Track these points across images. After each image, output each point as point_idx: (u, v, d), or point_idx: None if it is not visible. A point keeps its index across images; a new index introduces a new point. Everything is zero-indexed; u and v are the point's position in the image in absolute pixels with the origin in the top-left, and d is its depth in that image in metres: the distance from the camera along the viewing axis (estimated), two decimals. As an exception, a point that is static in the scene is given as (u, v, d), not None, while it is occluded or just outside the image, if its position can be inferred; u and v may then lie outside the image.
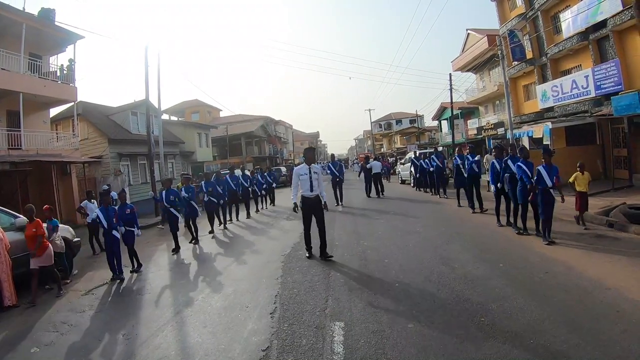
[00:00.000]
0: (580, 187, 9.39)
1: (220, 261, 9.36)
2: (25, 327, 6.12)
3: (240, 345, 4.62)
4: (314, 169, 8.33)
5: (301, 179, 8.28)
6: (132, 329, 5.54)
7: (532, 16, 21.88)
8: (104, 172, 22.37)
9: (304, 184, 8.26)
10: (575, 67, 19.79)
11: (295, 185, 8.50)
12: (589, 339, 4.03)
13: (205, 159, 36.93)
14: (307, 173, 8.22)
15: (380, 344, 4.29)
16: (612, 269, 6.14)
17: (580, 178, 9.43)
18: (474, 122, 34.69)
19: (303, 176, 8.25)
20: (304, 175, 8.25)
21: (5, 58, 16.43)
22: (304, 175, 8.25)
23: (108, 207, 8.82)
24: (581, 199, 9.38)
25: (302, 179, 8.26)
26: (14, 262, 7.51)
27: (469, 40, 32.59)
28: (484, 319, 4.67)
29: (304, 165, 8.41)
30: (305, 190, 8.28)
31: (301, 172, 8.31)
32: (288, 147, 74.15)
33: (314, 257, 8.25)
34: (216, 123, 49.58)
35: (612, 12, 15.47)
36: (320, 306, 5.57)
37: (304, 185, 8.27)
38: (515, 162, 8.80)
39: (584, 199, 9.43)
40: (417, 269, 6.93)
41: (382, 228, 10.96)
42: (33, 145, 17.70)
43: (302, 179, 8.26)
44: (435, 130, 58.81)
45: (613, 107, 15.33)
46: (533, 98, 23.70)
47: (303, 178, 8.25)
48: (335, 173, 16.74)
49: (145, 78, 19.87)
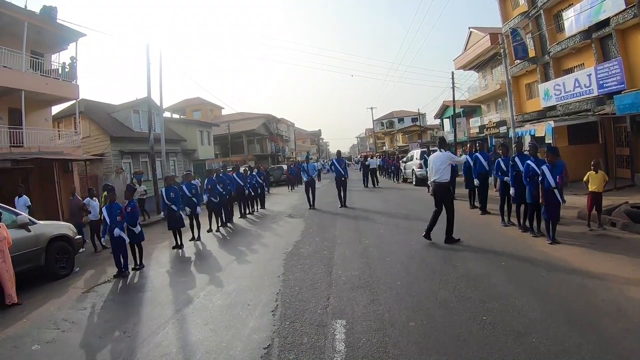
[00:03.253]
0: (593, 186, 8.98)
1: (221, 259, 9.35)
2: (27, 324, 6.13)
3: (241, 343, 4.61)
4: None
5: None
6: (134, 327, 5.55)
7: (534, 14, 21.82)
8: (106, 169, 22.40)
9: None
10: (577, 66, 19.72)
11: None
12: (591, 337, 4.03)
13: (207, 157, 36.90)
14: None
15: (382, 342, 4.29)
16: (614, 268, 6.13)
17: (593, 177, 9.02)
18: (476, 121, 34.67)
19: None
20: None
21: (7, 56, 16.43)
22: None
23: (112, 205, 8.82)
24: (592, 198, 9.00)
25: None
26: (16, 259, 7.53)
27: (472, 38, 32.50)
28: (486, 317, 4.66)
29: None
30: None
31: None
32: (290, 145, 74.16)
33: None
34: (218, 121, 49.53)
35: (615, 10, 15.41)
36: (322, 304, 5.57)
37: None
38: (524, 160, 8.69)
39: (596, 199, 9.00)
40: (419, 267, 6.93)
41: (383, 226, 10.96)
42: (35, 143, 17.71)
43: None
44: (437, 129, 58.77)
45: (616, 106, 15.27)
46: (535, 97, 23.65)
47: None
48: (341, 171, 15.59)
49: (147, 76, 19.87)
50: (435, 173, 8.47)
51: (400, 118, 79.22)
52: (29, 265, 8.26)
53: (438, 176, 8.41)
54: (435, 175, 8.47)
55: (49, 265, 8.70)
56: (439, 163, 8.46)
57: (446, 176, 8.43)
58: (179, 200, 11.25)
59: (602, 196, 9.17)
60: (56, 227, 9.56)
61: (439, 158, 8.55)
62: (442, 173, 8.39)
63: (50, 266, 8.74)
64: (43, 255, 8.61)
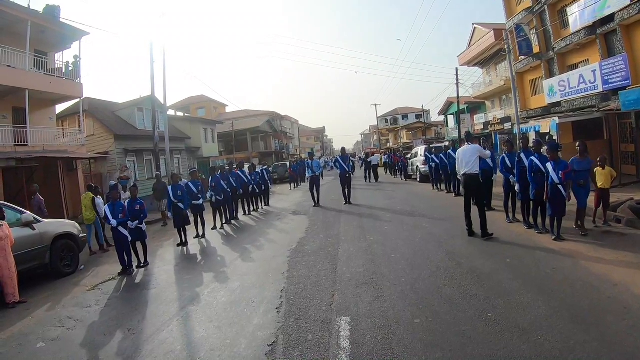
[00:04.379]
0: (600, 182, 8.87)
1: (226, 256, 9.36)
2: (32, 322, 6.16)
3: (246, 340, 4.62)
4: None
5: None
6: (138, 324, 5.57)
7: (539, 10, 21.69)
8: (110, 168, 22.42)
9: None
10: (582, 62, 19.61)
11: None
12: (596, 335, 4.01)
13: (212, 155, 36.91)
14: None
15: (386, 339, 4.28)
16: (619, 265, 6.11)
17: (600, 173, 8.90)
18: (480, 117, 34.54)
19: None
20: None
21: (10, 55, 16.45)
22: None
23: (115, 203, 8.83)
24: (599, 195, 8.88)
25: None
26: (21, 258, 7.56)
27: (476, 34, 32.36)
28: (491, 314, 4.64)
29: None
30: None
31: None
32: (294, 143, 74.07)
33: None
34: (222, 118, 49.57)
35: (620, 6, 15.30)
36: (327, 301, 5.57)
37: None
38: (529, 156, 8.62)
39: (603, 196, 8.87)
40: (424, 263, 6.91)
41: (388, 223, 10.94)
42: (39, 142, 17.73)
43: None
44: (441, 125, 58.73)
45: (621, 102, 15.20)
46: (540, 93, 23.53)
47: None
48: (345, 168, 15.59)
49: (151, 74, 19.91)
50: (465, 165, 8.60)
51: (405, 115, 78.94)
52: (33, 264, 8.31)
53: (469, 168, 8.55)
54: (465, 168, 8.59)
55: (53, 264, 8.74)
56: (469, 155, 8.60)
57: (476, 168, 8.56)
58: (187, 198, 11.26)
59: (609, 192, 9.08)
60: (61, 225, 9.60)
61: (468, 150, 8.70)
62: (472, 165, 8.54)
63: (55, 264, 8.78)
64: (48, 253, 8.65)
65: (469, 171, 8.53)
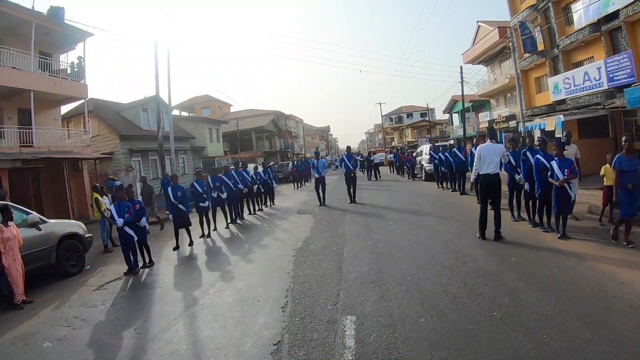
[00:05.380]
0: (609, 180, 8.60)
1: (231, 255, 9.37)
2: (38, 321, 6.19)
3: (251, 340, 4.62)
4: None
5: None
6: (144, 324, 5.58)
7: (543, 7, 21.62)
8: (116, 168, 22.52)
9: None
10: (587, 59, 19.54)
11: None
12: (602, 334, 4.00)
13: (216, 154, 37.02)
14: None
15: (391, 338, 4.28)
16: (625, 264, 6.07)
17: (609, 171, 8.59)
18: (485, 115, 34.46)
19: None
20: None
21: (15, 57, 16.54)
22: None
23: (121, 203, 8.85)
24: (607, 193, 8.73)
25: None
26: (27, 258, 7.60)
27: (480, 32, 32.29)
28: (496, 313, 4.64)
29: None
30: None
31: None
32: (299, 142, 74.08)
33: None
34: (227, 118, 49.68)
35: (624, 2, 15.24)
36: (332, 300, 5.57)
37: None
38: (534, 155, 8.55)
39: (610, 194, 8.57)
40: (429, 262, 6.90)
41: (393, 222, 10.93)
42: (44, 143, 17.84)
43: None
44: (446, 124, 58.61)
45: (626, 99, 15.15)
46: (545, 90, 23.47)
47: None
48: (350, 167, 15.54)
49: (155, 74, 19.92)
50: (488, 165, 8.12)
51: (409, 113, 78.86)
52: (40, 264, 8.35)
53: (492, 168, 8.10)
54: (489, 168, 8.11)
55: (59, 264, 8.78)
56: (493, 155, 8.14)
57: (498, 169, 8.16)
58: (187, 200, 11.06)
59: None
60: (67, 226, 9.64)
61: (493, 149, 8.23)
62: (495, 165, 8.11)
63: (61, 264, 8.82)
64: (54, 253, 8.69)
65: (492, 171, 8.11)
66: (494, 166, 8.11)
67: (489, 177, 8.15)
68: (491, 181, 8.16)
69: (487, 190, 8.26)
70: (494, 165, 8.11)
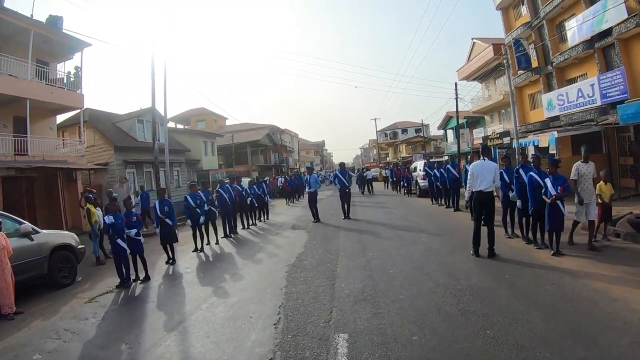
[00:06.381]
0: (607, 197, 8.86)
1: (224, 270, 9.34)
2: (29, 333, 6.12)
3: (243, 356, 4.59)
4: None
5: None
6: (135, 338, 5.53)
7: (537, 25, 21.88)
8: (110, 179, 22.43)
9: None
10: (580, 76, 19.75)
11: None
12: (596, 351, 4.00)
13: (211, 168, 36.91)
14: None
15: (384, 357, 4.26)
16: (618, 280, 6.09)
17: (604, 188, 8.87)
18: (479, 132, 34.58)
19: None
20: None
21: (12, 64, 16.52)
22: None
23: (116, 215, 8.80)
24: (602, 210, 8.86)
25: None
26: (19, 268, 7.54)
27: (475, 49, 32.60)
28: (490, 331, 4.62)
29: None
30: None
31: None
32: (294, 156, 74.10)
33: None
34: (222, 131, 49.58)
35: (617, 20, 15.43)
36: (325, 317, 5.54)
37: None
38: (527, 172, 8.64)
39: (606, 211, 8.91)
40: (422, 280, 6.89)
41: (386, 239, 10.92)
42: (39, 152, 17.75)
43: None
44: (440, 140, 58.82)
45: (619, 116, 15.28)
46: (539, 107, 23.66)
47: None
48: (345, 183, 15.43)
49: (152, 86, 19.92)
50: (481, 182, 8.16)
51: (404, 129, 79.16)
52: (31, 274, 8.28)
53: (486, 185, 8.14)
54: (482, 185, 8.15)
55: (51, 275, 8.70)
56: (487, 173, 8.17)
57: (492, 187, 8.21)
58: (174, 214, 10.63)
59: (611, 207, 9.12)
60: (59, 237, 9.58)
61: (487, 167, 8.23)
62: (489, 183, 8.15)
63: (53, 275, 8.74)
64: (46, 264, 8.62)
65: (486, 189, 8.15)
66: (486, 184, 8.13)
67: (482, 194, 8.18)
68: (485, 198, 8.18)
69: (481, 207, 8.26)
70: (487, 183, 8.14)
